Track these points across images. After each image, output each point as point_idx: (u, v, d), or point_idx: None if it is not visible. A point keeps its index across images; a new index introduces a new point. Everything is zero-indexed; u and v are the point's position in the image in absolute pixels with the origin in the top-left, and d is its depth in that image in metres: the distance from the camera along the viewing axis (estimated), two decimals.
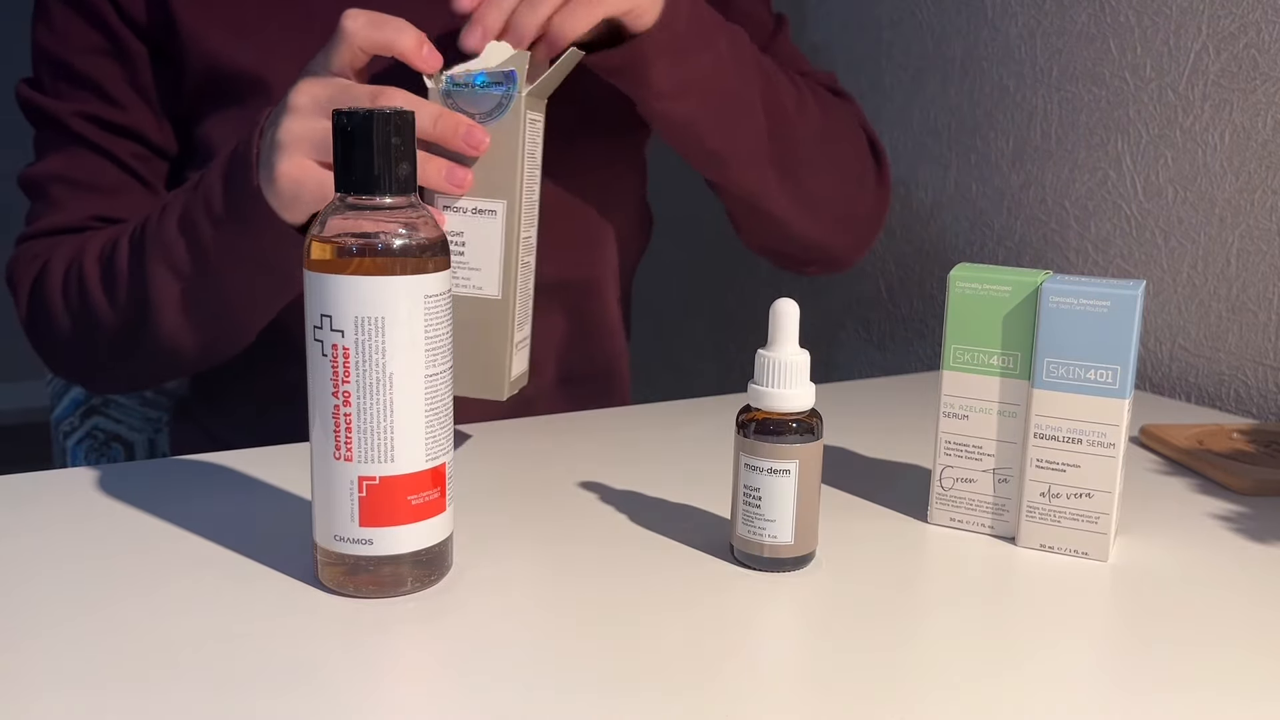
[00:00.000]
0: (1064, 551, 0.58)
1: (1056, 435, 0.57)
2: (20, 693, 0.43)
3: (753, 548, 0.54)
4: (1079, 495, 0.57)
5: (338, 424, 0.49)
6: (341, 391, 0.48)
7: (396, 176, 0.48)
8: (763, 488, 0.53)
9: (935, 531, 0.61)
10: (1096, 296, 0.55)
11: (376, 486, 0.49)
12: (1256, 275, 0.89)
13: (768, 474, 0.53)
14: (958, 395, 0.60)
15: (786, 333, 0.53)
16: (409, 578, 0.51)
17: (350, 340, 0.48)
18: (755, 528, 0.54)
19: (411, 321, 0.48)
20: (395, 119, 0.48)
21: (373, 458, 0.49)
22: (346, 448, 0.49)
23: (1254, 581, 0.55)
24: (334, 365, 0.48)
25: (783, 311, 0.53)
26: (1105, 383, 0.56)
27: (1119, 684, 0.45)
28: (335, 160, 0.49)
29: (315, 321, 0.48)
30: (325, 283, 0.48)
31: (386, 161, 0.48)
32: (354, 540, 0.50)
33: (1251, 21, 0.88)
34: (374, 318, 0.48)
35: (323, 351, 0.48)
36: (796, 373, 0.53)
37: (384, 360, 0.48)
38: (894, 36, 1.25)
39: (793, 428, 0.53)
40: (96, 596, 0.51)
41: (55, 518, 0.60)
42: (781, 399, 0.53)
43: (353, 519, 0.50)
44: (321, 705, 0.42)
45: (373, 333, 0.48)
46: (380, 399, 0.49)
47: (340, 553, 0.50)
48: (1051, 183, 1.07)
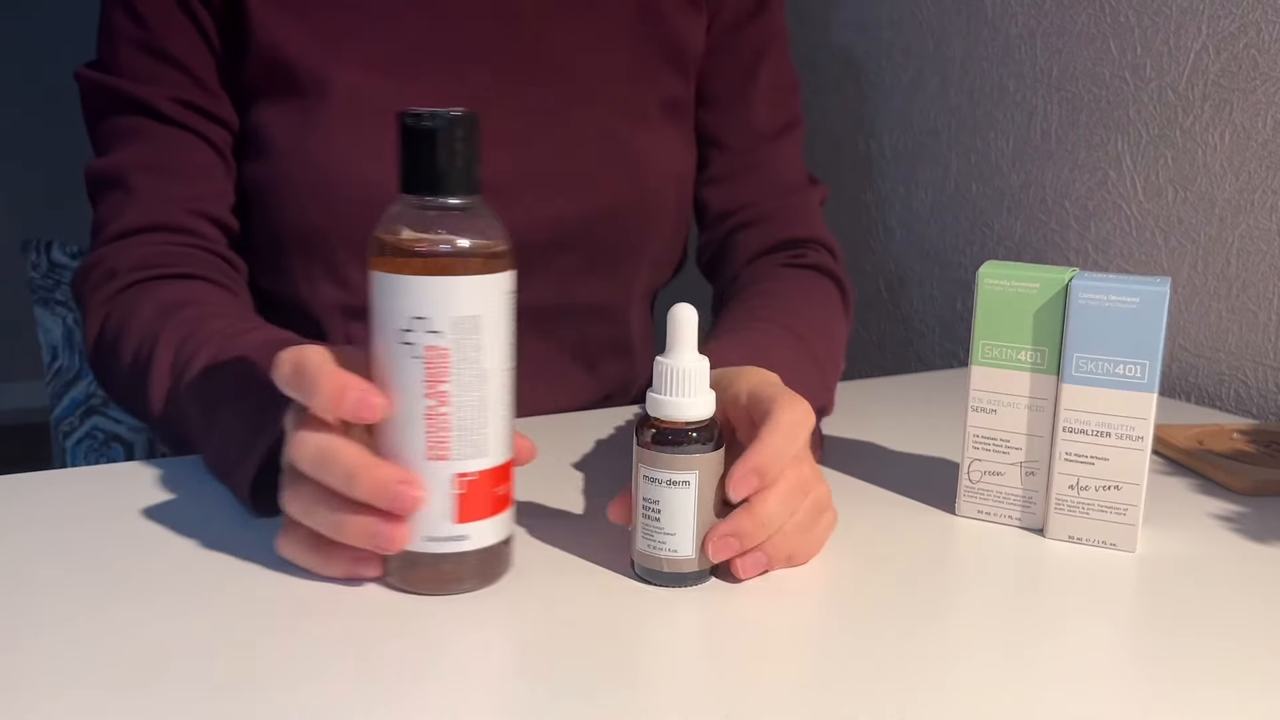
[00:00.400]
0: (1092, 543, 0.59)
1: (1085, 429, 0.58)
2: (20, 693, 0.43)
3: (652, 562, 0.52)
4: (1107, 488, 0.58)
5: (432, 425, 0.49)
6: (438, 392, 0.48)
7: (467, 177, 0.49)
8: (662, 500, 0.51)
9: (964, 523, 0.62)
10: (1126, 293, 0.56)
11: (474, 482, 0.50)
12: (1256, 275, 0.89)
13: (667, 486, 0.51)
14: (986, 390, 0.61)
15: (685, 339, 0.51)
16: (499, 568, 0.52)
17: (449, 340, 0.48)
18: (655, 542, 0.52)
19: (500, 318, 0.49)
20: (464, 120, 0.48)
21: (469, 454, 0.49)
22: (443, 447, 0.49)
23: (1254, 581, 0.55)
24: (429, 367, 0.48)
25: (681, 318, 0.51)
26: (1134, 377, 0.57)
27: (1151, 675, 0.45)
28: (403, 162, 0.49)
29: (404, 325, 0.48)
30: (416, 285, 0.48)
31: (458, 162, 0.48)
32: (450, 538, 0.50)
33: (1251, 21, 0.88)
34: (472, 317, 0.48)
35: (414, 354, 0.48)
36: (695, 380, 0.51)
37: (480, 358, 0.49)
38: (894, 36, 1.25)
39: (692, 437, 0.51)
40: (96, 597, 0.51)
41: (55, 518, 0.60)
42: (679, 407, 0.51)
43: (448, 517, 0.50)
44: (324, 707, 0.42)
45: (470, 332, 0.48)
46: (477, 395, 0.49)
47: (435, 553, 0.50)
48: (1051, 183, 1.07)
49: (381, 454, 0.50)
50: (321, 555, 0.52)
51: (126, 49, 0.76)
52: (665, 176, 0.86)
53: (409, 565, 0.51)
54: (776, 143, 0.90)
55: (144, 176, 0.77)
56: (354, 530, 0.49)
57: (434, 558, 0.50)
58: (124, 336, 0.72)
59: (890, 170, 1.28)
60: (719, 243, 0.91)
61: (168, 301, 0.72)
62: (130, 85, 0.76)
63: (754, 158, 0.90)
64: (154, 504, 0.62)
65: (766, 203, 0.90)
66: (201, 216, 0.78)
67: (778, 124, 0.90)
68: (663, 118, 0.86)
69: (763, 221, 0.89)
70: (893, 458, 0.74)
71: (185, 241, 0.77)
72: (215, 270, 0.78)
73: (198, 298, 0.73)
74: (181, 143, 0.77)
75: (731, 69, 0.88)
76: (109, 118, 0.78)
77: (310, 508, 0.50)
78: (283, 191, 0.77)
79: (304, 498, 0.51)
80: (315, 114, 0.75)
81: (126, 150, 0.77)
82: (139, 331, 0.71)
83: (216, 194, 0.79)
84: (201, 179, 0.78)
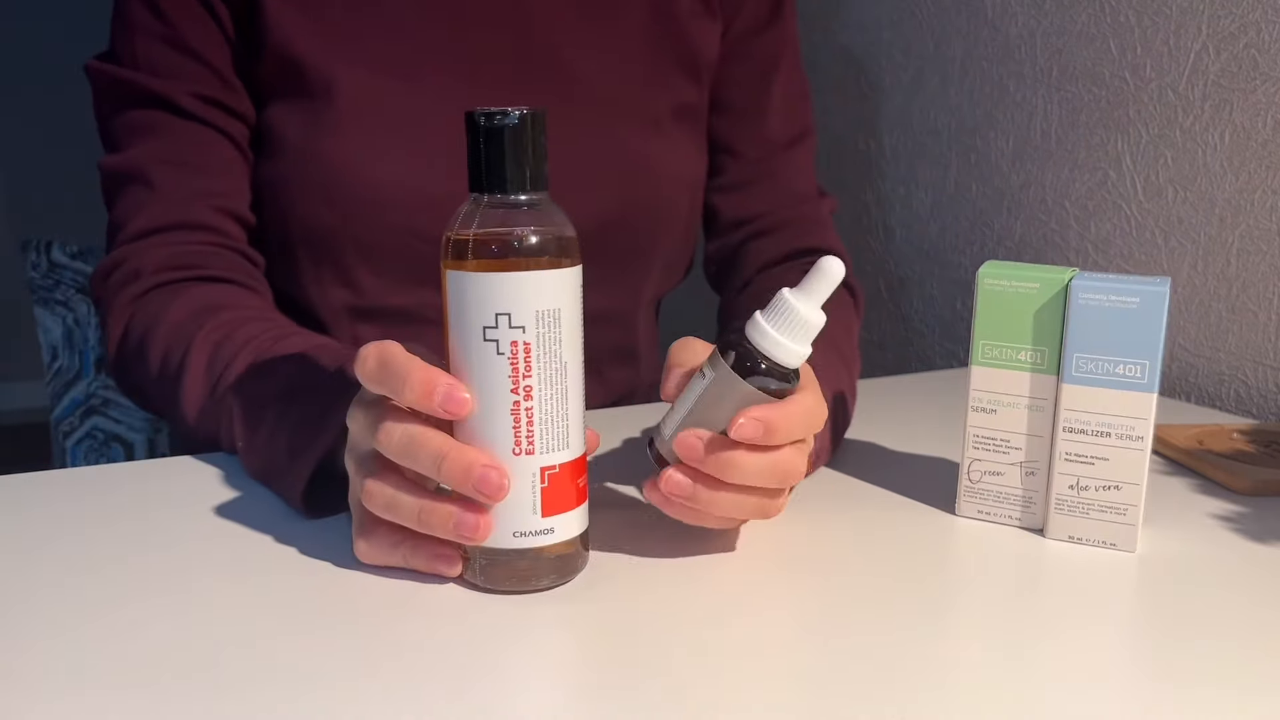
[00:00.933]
0: (1092, 543, 0.59)
1: (1085, 429, 0.58)
2: (20, 693, 0.43)
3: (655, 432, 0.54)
4: (1107, 488, 0.58)
5: (518, 419, 0.49)
6: (523, 387, 0.49)
7: (538, 173, 0.49)
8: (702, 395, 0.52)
9: (964, 523, 0.62)
10: (1126, 293, 0.57)
11: (557, 475, 0.50)
12: (1256, 275, 0.89)
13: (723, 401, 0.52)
14: (986, 390, 0.61)
15: (821, 291, 0.51)
16: (577, 564, 0.53)
17: (532, 335, 0.49)
18: (668, 420, 0.53)
19: (576, 310, 0.50)
20: (535, 118, 0.49)
21: (553, 447, 0.50)
22: (529, 441, 0.50)
23: (1254, 581, 0.55)
24: (513, 362, 0.49)
25: (831, 270, 0.51)
26: (1134, 377, 0.57)
27: (1151, 675, 0.45)
28: (474, 161, 0.49)
29: (487, 322, 0.48)
30: (499, 282, 0.48)
31: (530, 159, 0.49)
32: (536, 532, 0.51)
33: (1251, 21, 0.88)
34: (552, 310, 0.49)
35: (498, 350, 0.49)
36: (805, 330, 0.51)
37: (560, 350, 0.49)
38: (894, 36, 1.25)
39: (762, 369, 0.51)
40: (96, 597, 0.51)
41: (55, 518, 0.60)
42: (777, 345, 0.51)
43: (534, 511, 0.50)
44: (323, 707, 0.42)
45: (552, 325, 0.49)
46: (559, 388, 0.50)
47: (521, 548, 0.51)
48: (1051, 183, 1.07)
49: None
50: (404, 550, 0.52)
51: (145, 42, 0.75)
52: (677, 183, 0.86)
53: (491, 563, 0.51)
54: (789, 152, 0.90)
55: (165, 172, 0.76)
56: (439, 519, 0.50)
57: (514, 554, 0.51)
58: (152, 339, 0.71)
59: (890, 170, 1.28)
60: (730, 251, 0.91)
61: (198, 305, 0.72)
62: (149, 79, 0.75)
63: (767, 166, 0.90)
64: (154, 504, 0.62)
65: (779, 213, 0.90)
66: (225, 214, 0.77)
67: (791, 133, 0.90)
68: (675, 124, 0.85)
69: (775, 231, 0.89)
70: (893, 458, 0.74)
71: (209, 240, 0.77)
72: (240, 271, 0.77)
73: (228, 301, 0.73)
74: (202, 138, 0.76)
75: (746, 76, 0.88)
76: (125, 112, 0.77)
77: (393, 500, 0.50)
78: (292, 191, 0.77)
79: (385, 491, 0.50)
80: (326, 115, 0.75)
81: (145, 145, 0.76)
82: (169, 335, 0.71)
83: (238, 190, 0.78)
84: (223, 174, 0.77)
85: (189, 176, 0.76)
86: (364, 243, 0.77)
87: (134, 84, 0.75)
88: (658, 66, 0.84)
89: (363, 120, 0.75)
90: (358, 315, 0.80)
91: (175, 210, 0.76)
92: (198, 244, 0.76)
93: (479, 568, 0.51)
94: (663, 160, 0.84)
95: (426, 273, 0.79)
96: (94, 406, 1.03)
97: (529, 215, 0.49)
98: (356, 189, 0.75)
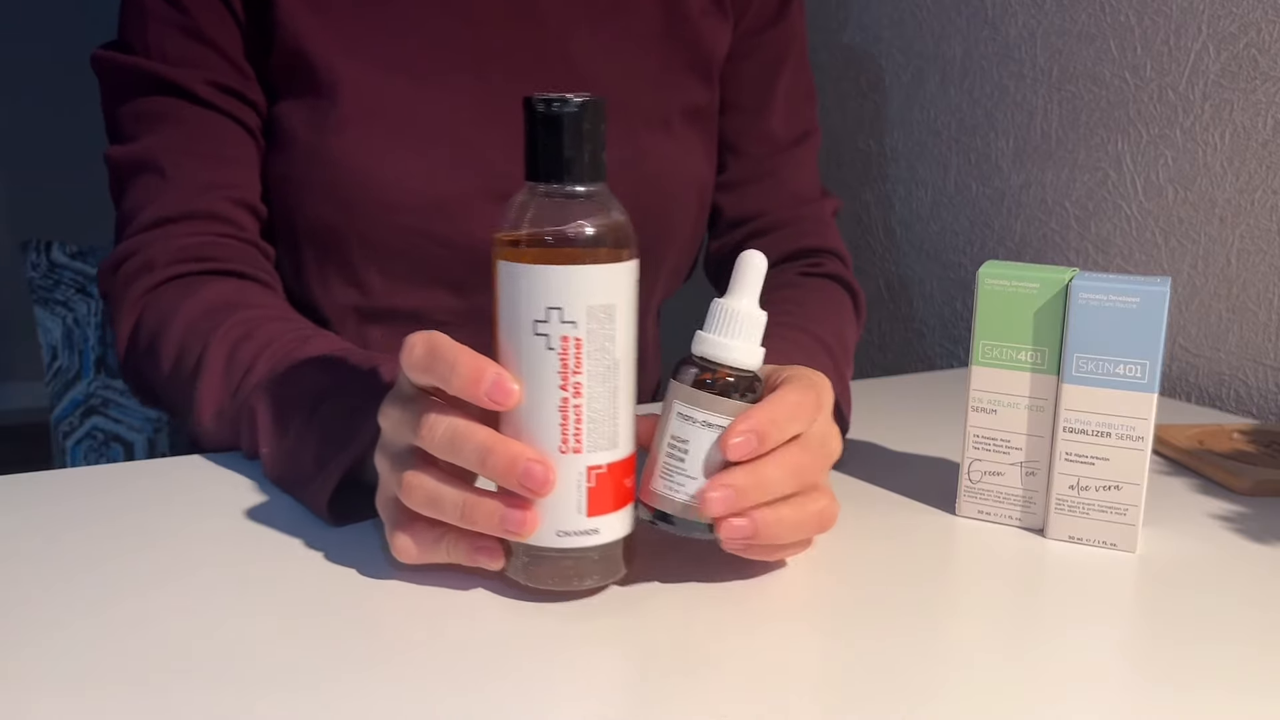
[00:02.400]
0: (1093, 543, 0.59)
1: (1086, 429, 0.58)
2: (20, 693, 0.43)
3: (667, 504, 0.51)
4: (1108, 488, 0.58)
5: (565, 416, 0.48)
6: (572, 383, 0.48)
7: (595, 163, 0.48)
8: (691, 440, 0.50)
9: (964, 523, 0.62)
10: (1126, 293, 0.56)
11: (604, 475, 0.49)
12: (1257, 275, 0.89)
13: (701, 427, 0.50)
14: (986, 390, 0.61)
15: (750, 284, 0.51)
16: (620, 564, 0.51)
17: (583, 330, 0.47)
18: (674, 484, 0.51)
19: (629, 307, 0.49)
20: (594, 106, 0.47)
21: (601, 446, 0.49)
22: (576, 439, 0.48)
23: (1254, 581, 0.55)
24: (563, 357, 0.47)
25: (752, 263, 0.51)
26: (1134, 377, 0.57)
27: (1151, 675, 0.45)
28: (531, 149, 0.47)
29: (538, 315, 0.47)
30: (551, 275, 0.47)
31: (588, 149, 0.47)
32: (581, 532, 0.49)
33: (1252, 21, 0.88)
34: (605, 305, 0.47)
35: (548, 345, 0.47)
36: (750, 326, 0.50)
37: (613, 347, 0.48)
38: (894, 36, 1.25)
39: (731, 383, 0.50)
40: (96, 597, 0.51)
41: (55, 518, 0.60)
42: (729, 350, 0.50)
43: (579, 511, 0.49)
44: (322, 709, 0.42)
45: (604, 321, 0.47)
46: (609, 386, 0.48)
47: (565, 548, 0.49)
48: (1052, 183, 1.07)
49: None
50: (445, 544, 0.50)
51: (158, 30, 0.74)
52: (687, 184, 0.85)
53: (534, 561, 0.50)
54: (792, 151, 0.90)
55: (179, 161, 0.74)
56: (484, 513, 0.48)
57: (558, 553, 0.49)
58: (165, 338, 0.70)
59: (890, 170, 1.28)
60: (730, 250, 0.90)
61: (214, 302, 0.70)
62: (164, 67, 0.74)
63: (769, 165, 0.89)
64: (154, 504, 0.62)
65: (780, 212, 0.89)
66: (240, 205, 0.76)
67: (795, 133, 0.90)
68: (685, 125, 0.85)
69: (776, 231, 0.89)
70: (893, 458, 0.74)
71: (224, 231, 0.75)
72: (255, 264, 0.76)
73: (244, 299, 0.71)
74: (218, 127, 0.75)
75: (750, 73, 0.88)
76: (135, 100, 0.75)
77: (435, 494, 0.49)
78: (300, 188, 0.76)
79: (426, 484, 0.49)
80: (333, 113, 0.74)
81: (158, 134, 0.75)
82: (183, 332, 0.69)
83: (252, 181, 0.77)
84: (238, 165, 0.76)
85: (204, 166, 0.75)
86: (370, 242, 0.76)
87: (146, 71, 0.74)
88: (669, 67, 0.83)
89: (370, 119, 0.75)
90: (364, 316, 0.79)
91: (190, 201, 0.74)
92: (212, 235, 0.75)
93: (521, 565, 0.50)
94: (673, 162, 0.83)
95: (434, 273, 0.78)
96: (94, 406, 1.03)
97: (585, 206, 0.47)
98: (364, 188, 0.75)
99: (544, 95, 0.47)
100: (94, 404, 1.03)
